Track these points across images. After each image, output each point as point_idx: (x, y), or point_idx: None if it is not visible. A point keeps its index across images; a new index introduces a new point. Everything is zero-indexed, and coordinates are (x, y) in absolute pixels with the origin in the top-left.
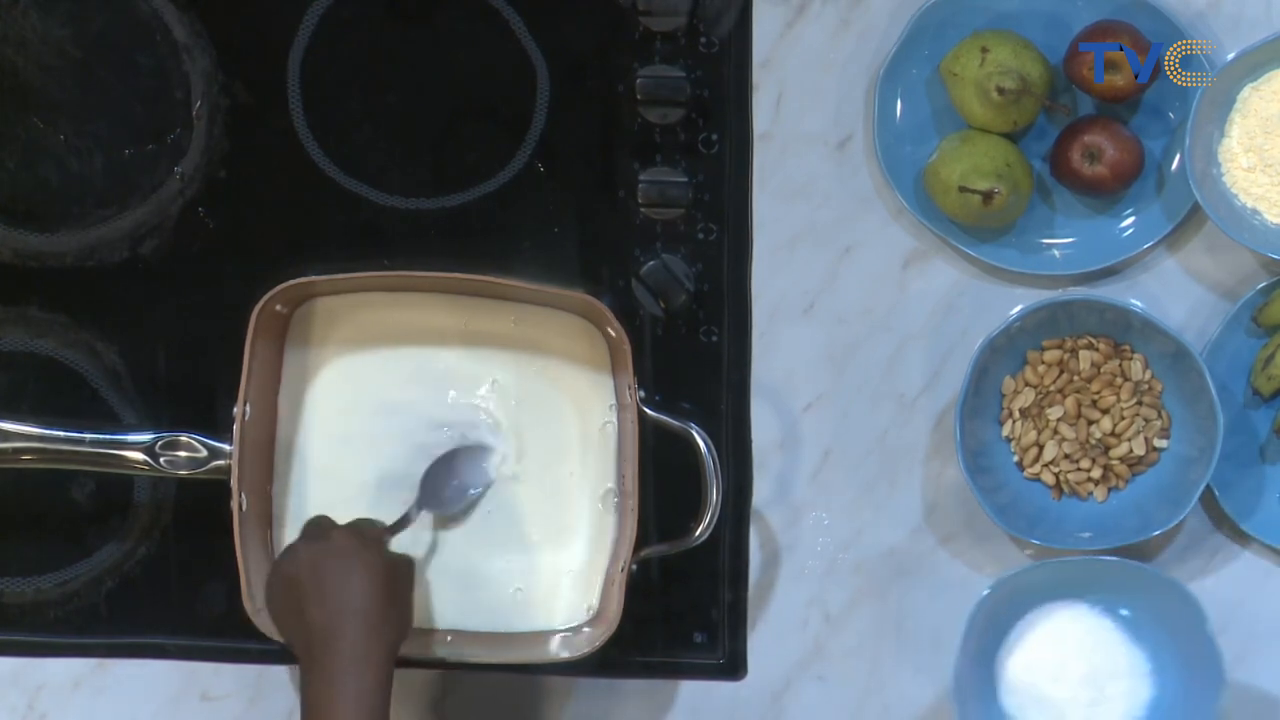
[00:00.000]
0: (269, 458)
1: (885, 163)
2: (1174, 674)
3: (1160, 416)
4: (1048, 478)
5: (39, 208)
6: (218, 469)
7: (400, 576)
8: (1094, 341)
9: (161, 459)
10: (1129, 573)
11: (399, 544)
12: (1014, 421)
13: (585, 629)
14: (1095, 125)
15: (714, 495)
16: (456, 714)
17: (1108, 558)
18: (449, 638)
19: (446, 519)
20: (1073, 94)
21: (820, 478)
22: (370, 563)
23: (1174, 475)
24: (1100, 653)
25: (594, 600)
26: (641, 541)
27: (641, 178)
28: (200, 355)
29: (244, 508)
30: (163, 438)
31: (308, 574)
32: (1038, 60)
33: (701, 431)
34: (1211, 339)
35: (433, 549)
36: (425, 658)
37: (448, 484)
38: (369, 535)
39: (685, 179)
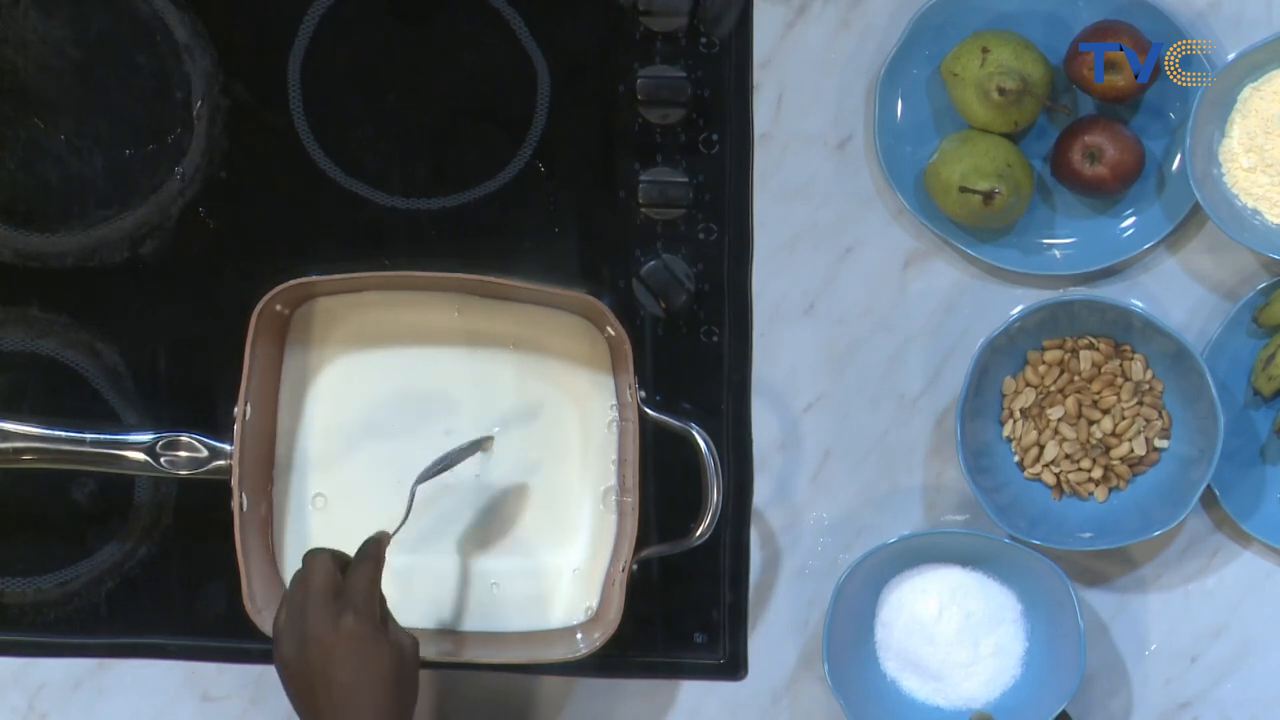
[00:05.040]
0: (270, 458)
1: (886, 163)
2: (1043, 629)
3: (1161, 417)
4: (1048, 478)
5: (39, 208)
6: (218, 469)
7: (407, 663)
8: (1095, 342)
9: (162, 459)
10: (992, 546)
11: (399, 547)
12: (1015, 422)
13: (585, 629)
14: (1096, 125)
15: (714, 495)
16: (456, 714)
17: (968, 530)
18: (449, 638)
19: (447, 525)
20: (1073, 94)
21: (820, 478)
22: (379, 657)
23: (1175, 475)
24: (973, 598)
25: (594, 600)
26: (642, 541)
27: (642, 178)
28: (200, 355)
29: (244, 508)
30: (163, 438)
31: (318, 665)
32: (1038, 60)
33: (702, 432)
34: (1212, 339)
35: (434, 550)
36: (425, 658)
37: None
38: (376, 613)
39: (686, 179)
